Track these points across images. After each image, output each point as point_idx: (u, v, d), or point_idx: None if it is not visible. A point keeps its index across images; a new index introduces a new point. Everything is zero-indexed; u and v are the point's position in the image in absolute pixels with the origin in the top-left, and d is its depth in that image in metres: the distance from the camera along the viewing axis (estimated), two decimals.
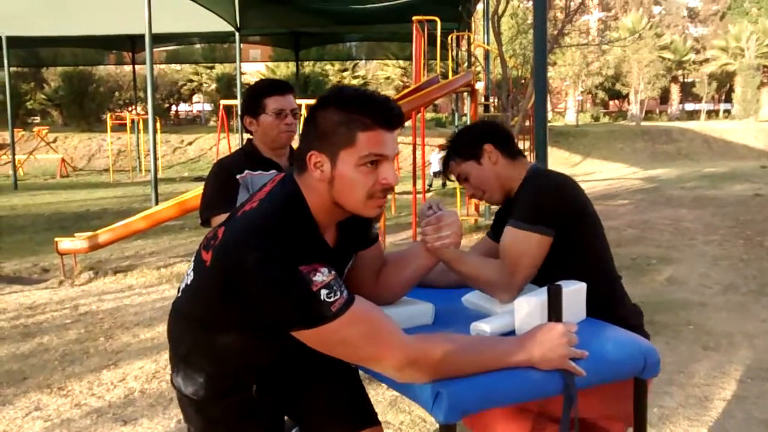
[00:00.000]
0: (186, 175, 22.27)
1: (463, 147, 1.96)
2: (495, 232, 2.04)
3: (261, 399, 1.56)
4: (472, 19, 16.99)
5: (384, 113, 1.39)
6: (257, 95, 2.55)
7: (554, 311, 1.39)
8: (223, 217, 2.39)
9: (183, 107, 46.33)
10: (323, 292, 1.30)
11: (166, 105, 39.08)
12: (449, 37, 13.33)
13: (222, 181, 2.51)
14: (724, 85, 45.54)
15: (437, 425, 3.50)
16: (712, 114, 45.74)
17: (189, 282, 1.53)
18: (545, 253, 1.77)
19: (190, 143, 27.98)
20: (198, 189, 8.96)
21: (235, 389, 1.54)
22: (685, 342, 4.61)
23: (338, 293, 1.31)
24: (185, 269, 7.18)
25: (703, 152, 28.56)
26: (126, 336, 4.93)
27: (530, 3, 20.44)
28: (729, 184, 16.57)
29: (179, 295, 1.59)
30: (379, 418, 3.42)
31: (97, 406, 3.64)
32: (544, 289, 1.45)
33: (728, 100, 46.18)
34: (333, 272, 1.33)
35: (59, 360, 4.40)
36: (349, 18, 17.86)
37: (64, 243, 7.20)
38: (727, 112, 45.36)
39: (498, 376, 1.34)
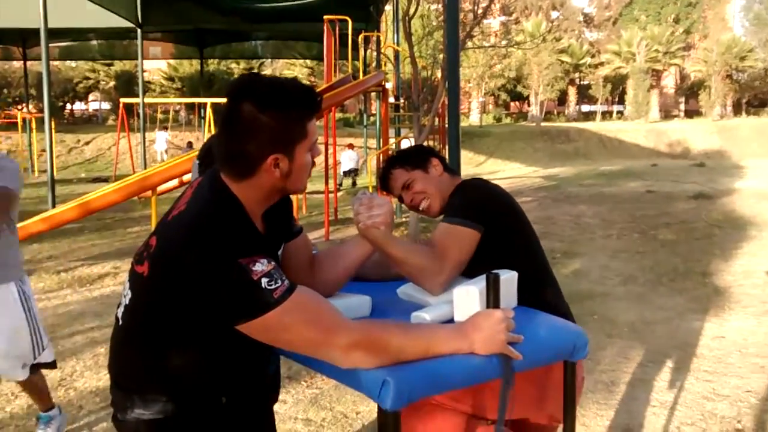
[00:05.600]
0: (83, 176, 21.35)
1: (412, 158, 2.15)
2: None
3: (231, 411, 1.49)
4: (382, 19, 17.13)
5: (317, 102, 1.46)
6: None
7: (492, 298, 1.43)
8: None
9: (78, 106, 44.26)
10: (264, 280, 1.30)
11: (60, 103, 37.24)
12: (359, 37, 13.37)
13: None
14: (617, 87, 47.94)
15: (359, 421, 3.49)
16: (606, 115, 48.04)
17: (127, 303, 1.47)
18: (473, 248, 1.85)
19: (87, 143, 26.82)
20: (101, 190, 8.61)
21: (202, 403, 1.47)
22: (591, 331, 4.83)
23: (279, 281, 1.32)
24: (87, 273, 6.94)
25: (598, 151, 30.01)
26: None
27: (439, 6, 20.81)
28: (623, 181, 17.48)
29: (118, 323, 1.51)
30: (301, 415, 3.43)
31: None
32: (482, 277, 1.50)
33: (621, 101, 48.66)
34: (272, 263, 1.34)
35: None
36: (256, 16, 17.59)
37: None
38: (620, 113, 47.75)
39: (441, 362, 1.37)
